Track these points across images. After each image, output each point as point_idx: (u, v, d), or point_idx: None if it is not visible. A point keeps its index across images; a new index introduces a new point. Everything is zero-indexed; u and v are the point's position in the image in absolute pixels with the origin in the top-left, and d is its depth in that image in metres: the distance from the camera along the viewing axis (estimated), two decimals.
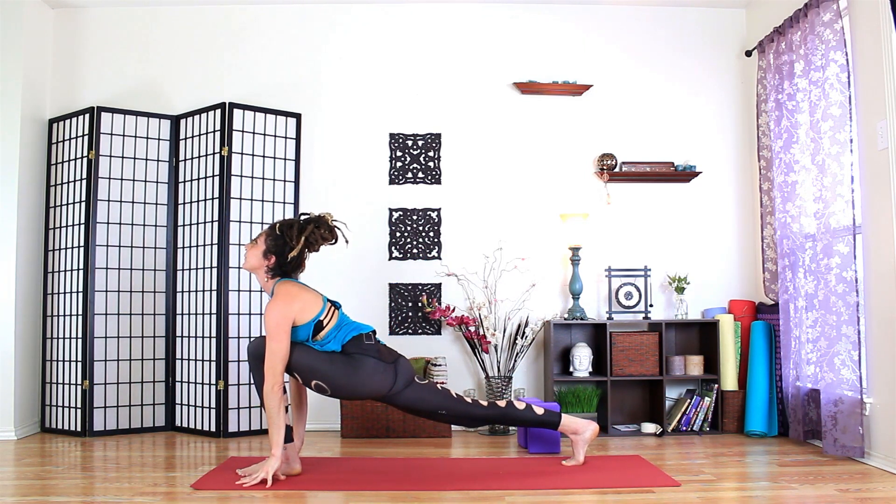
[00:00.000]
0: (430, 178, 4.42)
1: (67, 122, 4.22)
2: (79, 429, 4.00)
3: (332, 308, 3.05)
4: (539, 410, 3.16)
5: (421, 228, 4.39)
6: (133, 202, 4.18)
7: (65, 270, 4.14)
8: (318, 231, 3.06)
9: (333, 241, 3.12)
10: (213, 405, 3.97)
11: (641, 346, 4.06)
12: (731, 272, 4.43)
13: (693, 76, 4.51)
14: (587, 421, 3.21)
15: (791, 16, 3.75)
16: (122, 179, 4.15)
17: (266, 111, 4.21)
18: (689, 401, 4.08)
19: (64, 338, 4.11)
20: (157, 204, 4.23)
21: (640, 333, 4.09)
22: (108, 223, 4.10)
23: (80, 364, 4.02)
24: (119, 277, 4.11)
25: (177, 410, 4.16)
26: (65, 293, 4.13)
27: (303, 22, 4.48)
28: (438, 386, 3.09)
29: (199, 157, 4.16)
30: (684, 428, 4.06)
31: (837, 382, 3.32)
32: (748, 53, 4.31)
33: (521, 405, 3.15)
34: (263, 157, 4.19)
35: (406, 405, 3.06)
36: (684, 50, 4.52)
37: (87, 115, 4.13)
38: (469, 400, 3.09)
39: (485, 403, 3.11)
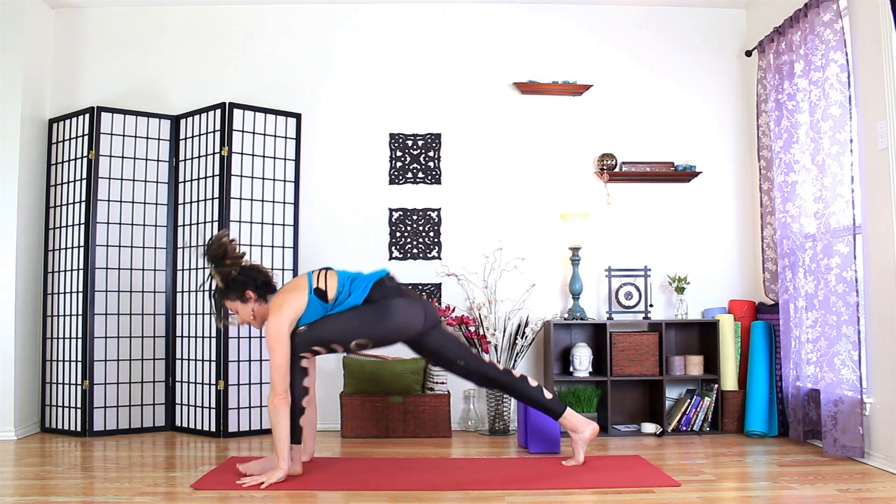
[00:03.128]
0: (430, 178, 4.42)
1: (67, 122, 4.22)
2: (79, 429, 4.00)
3: (322, 272, 3.09)
4: (548, 395, 3.21)
5: (421, 228, 4.39)
6: (133, 202, 4.18)
7: (65, 270, 4.14)
8: (220, 245, 3.03)
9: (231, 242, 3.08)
10: (213, 405, 3.97)
11: (641, 346, 4.06)
12: (731, 272, 4.43)
13: (693, 76, 4.51)
14: (588, 420, 3.22)
15: (791, 16, 3.75)
16: (122, 179, 4.15)
17: (266, 111, 4.21)
18: (689, 401, 4.08)
19: (64, 338, 4.11)
20: (157, 204, 4.23)
21: (640, 333, 4.09)
22: (108, 223, 4.10)
23: (80, 364, 4.02)
24: (119, 277, 4.12)
25: (177, 410, 4.16)
26: (65, 293, 4.13)
27: (303, 22, 4.48)
28: (462, 339, 3.23)
29: (199, 157, 4.16)
30: (684, 428, 4.06)
31: (837, 382, 3.32)
32: (748, 53, 4.31)
33: (533, 383, 3.21)
34: (263, 157, 4.19)
35: (433, 348, 3.14)
36: (684, 50, 4.52)
37: (87, 115, 4.13)
38: (487, 360, 3.19)
39: (501, 367, 3.20)
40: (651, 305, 4.26)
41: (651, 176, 4.40)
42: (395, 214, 4.39)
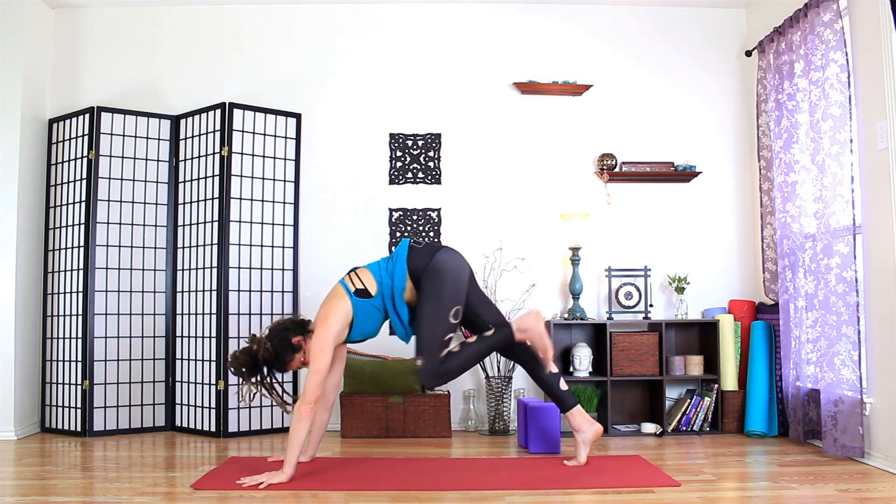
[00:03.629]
0: (430, 178, 4.42)
1: (67, 122, 4.22)
2: (79, 429, 4.00)
3: (351, 273, 3.09)
4: (563, 385, 3.20)
5: (421, 228, 4.39)
6: (133, 202, 4.18)
7: (65, 270, 4.14)
8: (240, 355, 3.02)
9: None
10: (213, 405, 3.97)
11: (641, 346, 4.06)
12: (731, 272, 4.43)
13: (693, 76, 4.51)
14: (592, 421, 3.21)
15: (791, 16, 3.75)
16: (122, 179, 4.15)
17: (266, 111, 4.21)
18: (689, 401, 4.08)
19: (64, 338, 4.11)
20: (157, 204, 4.23)
21: (640, 333, 4.09)
22: (108, 223, 4.10)
23: (80, 364, 4.02)
24: (119, 277, 4.11)
25: (177, 410, 4.16)
26: (65, 293, 4.13)
27: (303, 22, 4.48)
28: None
29: (199, 157, 4.16)
30: (684, 428, 4.06)
31: (837, 382, 3.32)
32: (748, 53, 4.31)
33: (553, 369, 3.19)
34: (263, 157, 4.19)
35: (477, 301, 3.21)
36: (684, 50, 4.52)
37: (87, 115, 4.13)
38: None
39: (529, 344, 3.18)
40: (651, 305, 4.26)
41: (651, 176, 4.40)
42: (395, 214, 4.39)
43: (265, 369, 3.01)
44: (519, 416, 3.74)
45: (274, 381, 3.07)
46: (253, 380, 3.01)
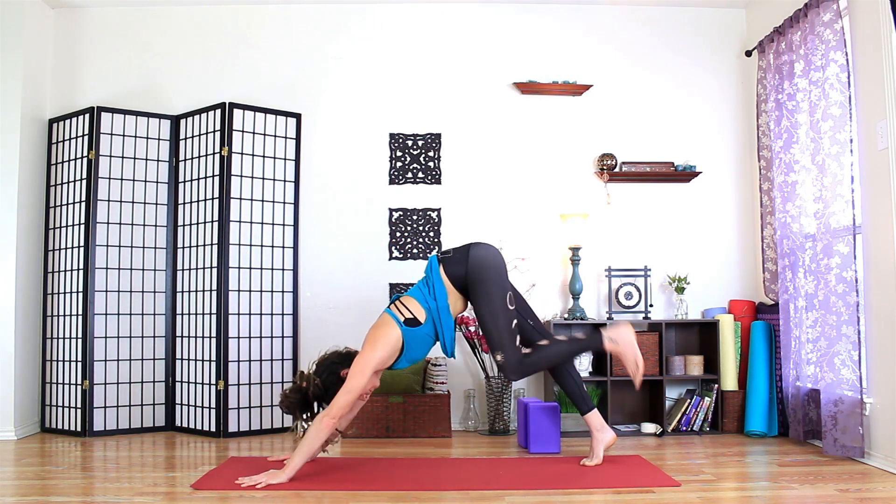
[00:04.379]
0: (430, 178, 4.42)
1: (67, 122, 4.22)
2: (79, 429, 4.00)
3: (397, 303, 3.09)
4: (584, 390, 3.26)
5: (421, 228, 4.39)
6: (133, 202, 4.18)
7: (65, 270, 4.14)
8: (290, 395, 3.06)
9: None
10: (213, 405, 3.97)
11: (641, 346, 4.03)
12: (731, 272, 4.43)
13: (693, 76, 4.51)
14: (608, 428, 3.24)
15: (791, 16, 3.75)
16: (122, 179, 4.15)
17: (266, 111, 4.21)
18: (689, 401, 4.08)
19: (64, 338, 4.11)
20: (157, 204, 4.23)
21: (640, 333, 4.08)
22: (108, 223, 4.10)
23: (80, 364, 4.02)
24: (119, 277, 4.11)
25: (177, 410, 4.16)
26: (65, 293, 4.13)
27: (303, 22, 4.48)
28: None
29: (199, 157, 4.16)
30: (684, 428, 4.06)
31: (837, 382, 3.32)
32: (748, 53, 4.31)
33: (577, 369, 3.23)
34: (263, 157, 4.19)
35: (519, 302, 3.23)
36: (684, 50, 4.52)
37: (87, 115, 4.13)
38: (544, 342, 3.20)
39: (544, 342, 3.19)
40: (651, 305, 4.26)
41: (651, 176, 4.40)
42: (395, 214, 4.39)
43: (315, 405, 3.02)
44: (519, 416, 3.74)
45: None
46: (305, 416, 3.02)
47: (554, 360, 3.17)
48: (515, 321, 3.11)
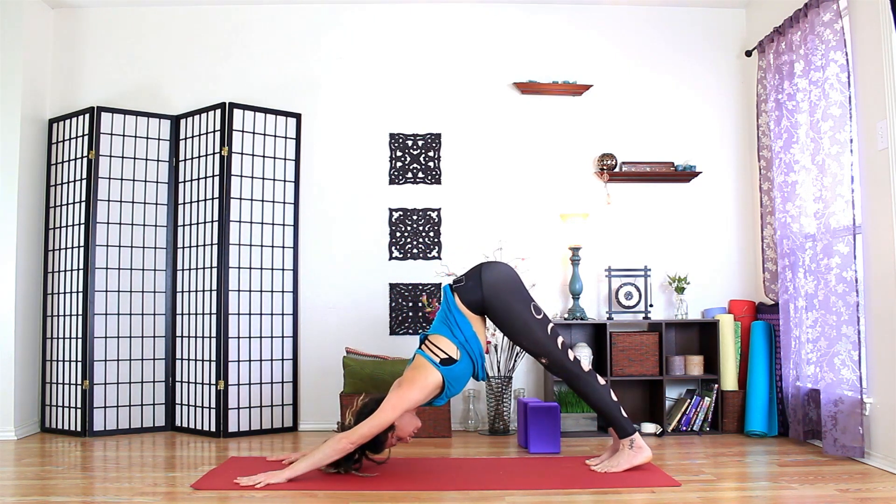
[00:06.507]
0: (430, 178, 4.42)
1: (67, 122, 4.22)
2: (79, 429, 4.00)
3: (427, 343, 3.06)
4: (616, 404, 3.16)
5: (421, 228, 4.39)
6: (133, 202, 4.18)
7: (65, 270, 4.14)
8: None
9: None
10: (213, 405, 3.97)
11: (641, 346, 4.06)
12: (731, 272, 4.43)
13: (693, 76, 4.51)
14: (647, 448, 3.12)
15: (791, 16, 3.75)
16: (122, 179, 4.15)
17: (266, 111, 4.21)
18: (689, 401, 4.08)
19: (64, 338, 4.11)
20: (157, 204, 4.23)
21: (640, 333, 4.09)
22: (108, 223, 4.10)
23: (80, 364, 4.02)
24: (119, 277, 4.11)
25: (177, 410, 4.16)
26: (65, 293, 4.13)
27: (303, 22, 4.48)
28: None
29: (199, 157, 4.16)
30: (684, 428, 4.06)
31: (837, 382, 3.32)
32: (748, 53, 4.31)
33: (602, 380, 3.16)
34: (263, 157, 4.19)
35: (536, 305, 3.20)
36: (684, 50, 4.52)
37: (87, 115, 4.13)
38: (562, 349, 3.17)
39: (591, 372, 3.17)
40: (651, 305, 4.26)
41: (651, 176, 4.40)
42: (395, 214, 4.39)
43: (357, 454, 2.97)
44: (519, 416, 3.74)
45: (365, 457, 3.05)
46: (353, 464, 2.98)
47: (587, 395, 3.13)
48: (551, 325, 3.09)
